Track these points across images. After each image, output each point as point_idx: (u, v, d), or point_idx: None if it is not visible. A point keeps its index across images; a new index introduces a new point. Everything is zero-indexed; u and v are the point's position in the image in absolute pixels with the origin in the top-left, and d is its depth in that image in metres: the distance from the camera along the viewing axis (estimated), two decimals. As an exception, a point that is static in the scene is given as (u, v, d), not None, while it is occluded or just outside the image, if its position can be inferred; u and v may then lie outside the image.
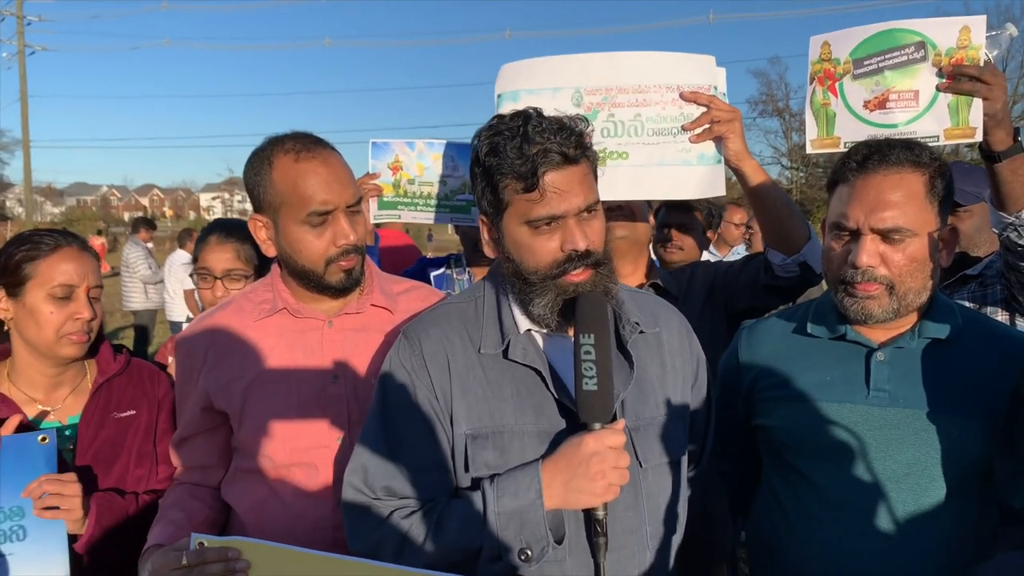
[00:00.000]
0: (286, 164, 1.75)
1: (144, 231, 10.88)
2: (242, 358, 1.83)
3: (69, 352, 1.94)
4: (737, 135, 2.16)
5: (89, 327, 1.95)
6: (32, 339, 1.92)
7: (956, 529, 1.62)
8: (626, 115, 2.15)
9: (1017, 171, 1.98)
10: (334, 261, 1.78)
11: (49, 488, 1.76)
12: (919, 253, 1.63)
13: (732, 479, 2.07)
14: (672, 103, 2.16)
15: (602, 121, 2.16)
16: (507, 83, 2.16)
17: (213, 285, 2.42)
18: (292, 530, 1.77)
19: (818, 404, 1.73)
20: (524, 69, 2.16)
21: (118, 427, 2.02)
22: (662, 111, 2.16)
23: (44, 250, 1.92)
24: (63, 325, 1.91)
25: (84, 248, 1.99)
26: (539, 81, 2.14)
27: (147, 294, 10.49)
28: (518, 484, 1.47)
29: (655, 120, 2.17)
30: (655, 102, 2.16)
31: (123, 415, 2.04)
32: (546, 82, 2.14)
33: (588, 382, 1.43)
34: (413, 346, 1.61)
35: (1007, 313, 2.43)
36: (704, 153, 2.19)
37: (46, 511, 1.76)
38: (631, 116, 2.15)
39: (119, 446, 2.01)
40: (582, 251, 1.50)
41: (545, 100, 2.12)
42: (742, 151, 2.17)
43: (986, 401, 1.63)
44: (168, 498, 1.89)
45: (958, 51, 1.90)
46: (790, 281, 2.25)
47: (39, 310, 1.90)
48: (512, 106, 2.11)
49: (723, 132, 2.14)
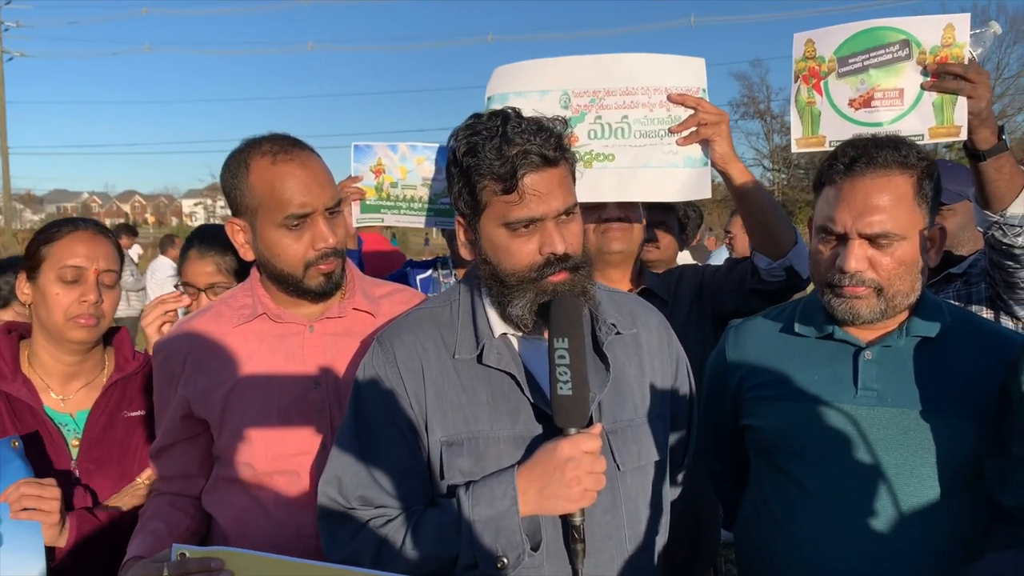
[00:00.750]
0: (263, 167, 1.72)
1: (126, 238, 10.79)
2: (222, 365, 1.80)
3: (78, 336, 1.93)
4: (724, 138, 2.15)
5: (98, 311, 1.94)
6: (44, 322, 1.93)
7: (946, 529, 1.61)
8: (613, 117, 2.15)
9: (1001, 169, 1.98)
10: (313, 265, 1.76)
11: (27, 491, 1.73)
12: (907, 256, 1.62)
13: (720, 479, 2.07)
14: (660, 105, 2.16)
15: (589, 123, 2.16)
16: (497, 86, 2.16)
17: (198, 298, 2.41)
18: (275, 538, 1.75)
19: (806, 404, 1.72)
20: (515, 72, 2.16)
21: (127, 426, 2.01)
22: (649, 113, 2.16)
23: (59, 234, 1.94)
24: (70, 307, 1.90)
25: (100, 232, 2.00)
26: (528, 84, 2.14)
27: (129, 302, 10.39)
28: (493, 491, 1.46)
29: (642, 122, 2.16)
30: (643, 104, 2.16)
31: (133, 414, 2.03)
32: (535, 84, 2.14)
33: (563, 387, 1.42)
34: (387, 353, 1.59)
35: (992, 311, 2.43)
36: (691, 155, 2.18)
37: (22, 512, 1.72)
38: (618, 118, 2.15)
39: (125, 444, 2.00)
40: (560, 254, 1.48)
41: (533, 102, 2.12)
42: (729, 154, 2.17)
43: (976, 400, 1.63)
44: (148, 509, 1.86)
45: (942, 49, 1.90)
46: (776, 285, 2.24)
47: (48, 292, 1.91)
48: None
49: (710, 135, 2.14)
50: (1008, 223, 2.05)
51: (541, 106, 2.07)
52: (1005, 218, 2.04)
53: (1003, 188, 2.00)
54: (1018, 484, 1.53)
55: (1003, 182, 2.00)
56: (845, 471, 1.66)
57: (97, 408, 1.99)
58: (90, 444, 1.95)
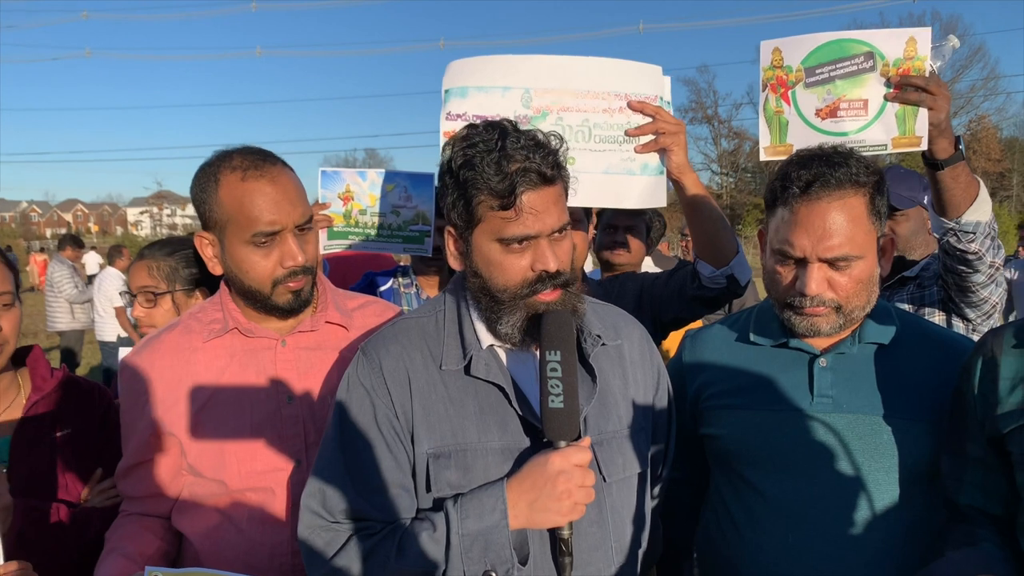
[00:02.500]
0: (232, 182, 1.69)
1: (71, 249, 10.48)
2: (192, 381, 1.77)
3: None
4: (681, 148, 2.16)
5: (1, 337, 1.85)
6: None
7: (905, 530, 1.65)
8: (574, 120, 2.13)
9: (958, 178, 2.04)
10: (281, 282, 1.74)
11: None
12: (864, 274, 1.66)
13: (681, 486, 2.08)
14: (620, 111, 2.15)
15: (551, 124, 2.13)
16: (455, 79, 2.11)
17: (133, 304, 2.37)
18: (249, 557, 1.72)
19: (764, 412, 1.75)
20: (474, 66, 2.12)
21: (55, 447, 1.94)
22: (609, 119, 2.15)
23: None
24: None
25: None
26: (489, 79, 2.11)
27: (73, 314, 10.11)
28: (483, 505, 1.44)
29: (602, 127, 2.15)
30: (602, 109, 2.15)
31: (60, 434, 1.96)
32: (497, 80, 2.10)
33: (554, 400, 1.42)
34: (372, 363, 1.57)
35: (944, 314, 2.51)
36: (647, 163, 2.18)
37: None
38: (579, 121, 2.13)
39: (55, 465, 1.93)
40: (552, 272, 1.48)
41: (495, 98, 2.09)
42: (684, 164, 2.18)
43: (928, 402, 1.67)
44: (116, 531, 1.80)
45: (905, 62, 1.95)
46: (716, 292, 2.28)
47: None
48: (459, 102, 2.08)
49: (668, 144, 2.15)
50: (963, 229, 2.11)
51: (503, 103, 2.08)
52: (960, 225, 2.10)
53: (959, 196, 2.06)
54: (973, 483, 1.58)
55: (959, 190, 2.06)
56: (804, 477, 1.69)
57: (19, 433, 1.92)
58: (17, 470, 1.87)
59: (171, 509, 1.82)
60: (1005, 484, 1.54)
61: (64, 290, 9.94)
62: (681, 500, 1.98)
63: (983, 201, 2.09)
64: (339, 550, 1.49)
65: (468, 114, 2.06)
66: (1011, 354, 1.51)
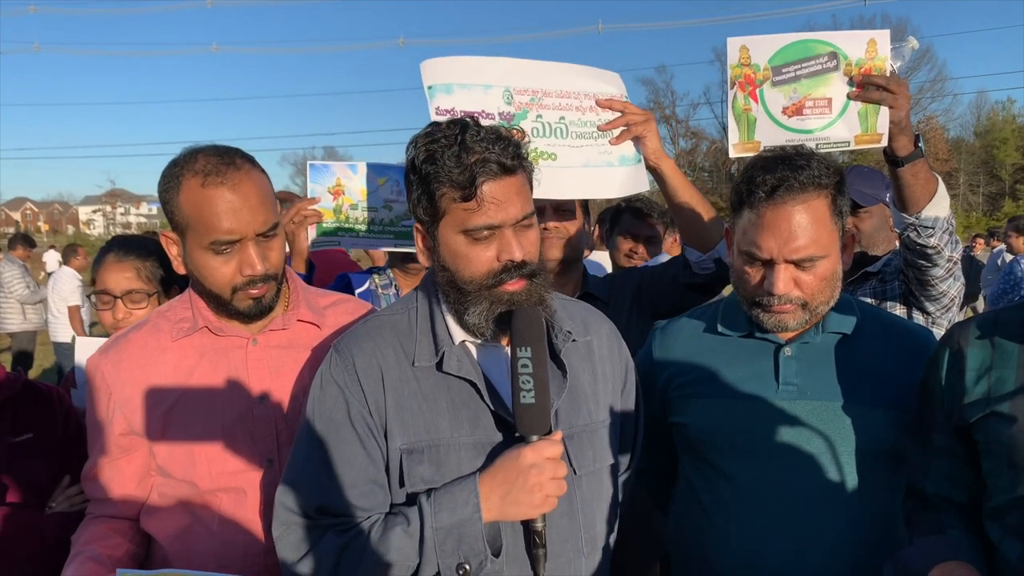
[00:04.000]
0: (192, 187, 1.65)
1: (21, 248, 10.22)
2: (161, 380, 1.74)
3: None
4: (653, 135, 2.27)
5: None
6: None
7: (867, 512, 1.71)
8: (552, 117, 2.21)
9: (917, 175, 2.10)
10: (240, 289, 1.71)
11: None
12: (828, 271, 1.72)
13: (650, 476, 2.11)
14: (590, 110, 2.25)
15: (531, 121, 2.21)
16: (437, 76, 2.15)
17: (114, 306, 2.28)
18: (221, 558, 1.70)
19: (731, 400, 1.79)
20: (451, 65, 2.16)
21: (14, 453, 1.91)
22: (582, 116, 2.25)
23: None
24: None
25: None
26: (469, 77, 2.16)
27: (25, 315, 9.86)
28: (455, 499, 1.46)
29: (577, 124, 2.24)
30: (575, 107, 2.24)
31: (19, 439, 1.93)
32: (478, 78, 2.15)
33: (526, 395, 1.44)
34: (345, 360, 1.57)
35: (904, 307, 2.57)
36: (624, 155, 2.29)
37: None
38: (556, 118, 2.21)
39: (14, 472, 1.89)
40: (518, 261, 1.50)
41: (478, 95, 2.15)
42: (659, 150, 2.29)
43: (887, 389, 1.73)
44: (82, 533, 1.76)
45: (867, 62, 2.01)
46: (706, 277, 2.33)
47: None
48: (445, 97, 2.12)
49: (640, 132, 2.26)
50: (922, 224, 2.16)
51: (486, 99, 2.14)
52: (920, 220, 2.16)
53: (918, 192, 2.12)
54: (939, 472, 1.63)
55: (918, 186, 2.11)
56: (771, 463, 1.73)
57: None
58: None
59: (139, 511, 1.79)
60: (971, 473, 1.58)
61: (15, 290, 9.69)
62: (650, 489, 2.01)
63: (942, 197, 2.15)
64: (314, 545, 1.49)
65: (456, 109, 2.10)
66: (976, 345, 1.56)
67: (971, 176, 57.12)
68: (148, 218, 65.16)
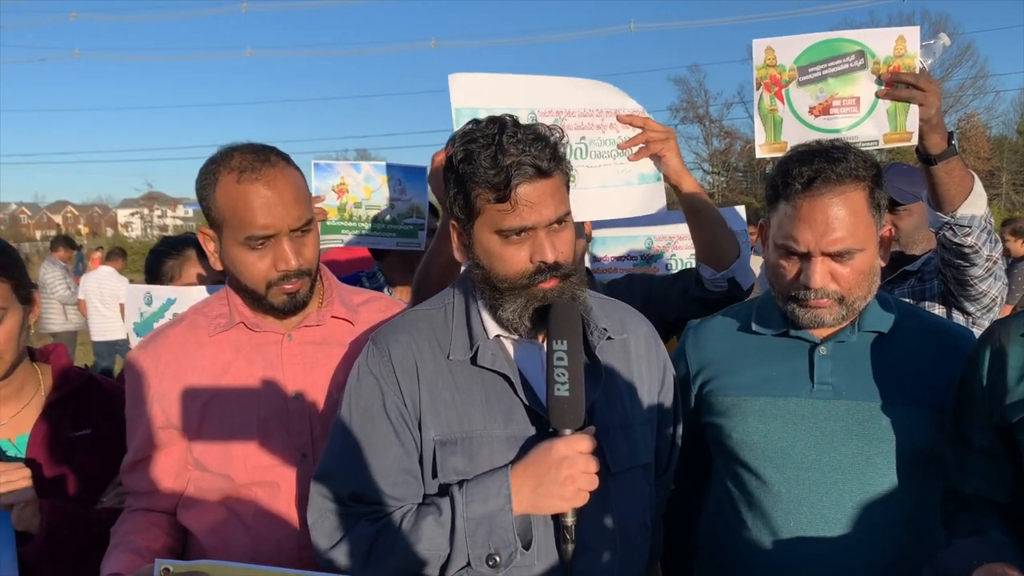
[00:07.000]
0: (228, 184, 1.69)
1: (63, 250, 10.47)
2: (198, 375, 1.78)
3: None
4: (674, 152, 2.23)
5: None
6: None
7: (902, 514, 1.69)
8: (573, 137, 2.20)
9: (951, 173, 2.07)
10: (275, 284, 1.74)
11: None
12: (866, 265, 1.70)
13: (680, 476, 2.11)
14: (611, 127, 2.24)
15: None
16: (465, 98, 2.16)
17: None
18: (255, 552, 1.73)
19: (764, 399, 1.78)
20: (479, 84, 2.16)
21: (71, 447, 1.95)
22: (602, 134, 2.23)
23: None
24: None
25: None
26: (494, 100, 2.16)
27: (66, 315, 10.10)
28: (487, 490, 1.48)
29: (597, 143, 2.23)
30: (596, 125, 2.23)
31: (78, 434, 1.97)
32: (501, 102, 2.14)
33: (560, 388, 1.45)
34: (382, 352, 1.60)
35: (944, 307, 2.53)
36: (644, 172, 2.27)
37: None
38: (576, 139, 2.20)
39: (70, 466, 1.93)
40: (551, 263, 1.51)
41: None
42: (680, 167, 2.25)
43: (926, 389, 1.71)
44: (121, 525, 1.81)
45: (895, 59, 1.99)
46: (718, 295, 2.32)
47: None
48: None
49: (659, 150, 2.22)
50: (958, 223, 2.13)
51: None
52: (955, 219, 2.12)
53: (953, 190, 2.09)
54: (978, 473, 1.60)
55: (953, 185, 2.08)
56: (805, 464, 1.72)
57: (37, 430, 1.93)
58: (32, 467, 1.87)
59: (176, 504, 1.83)
60: (1011, 472, 1.55)
61: (56, 291, 9.93)
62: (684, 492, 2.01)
63: (978, 195, 2.11)
64: (347, 533, 1.53)
65: None
66: (1018, 343, 1.52)
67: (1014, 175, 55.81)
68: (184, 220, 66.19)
